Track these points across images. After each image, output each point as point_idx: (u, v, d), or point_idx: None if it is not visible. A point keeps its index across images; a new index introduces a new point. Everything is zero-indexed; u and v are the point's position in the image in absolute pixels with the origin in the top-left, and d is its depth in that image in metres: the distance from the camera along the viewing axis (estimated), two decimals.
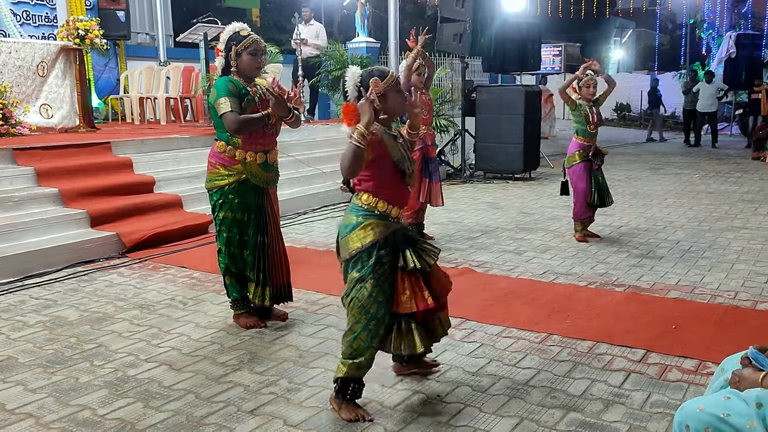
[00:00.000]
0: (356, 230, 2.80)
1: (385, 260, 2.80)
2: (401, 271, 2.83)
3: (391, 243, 2.84)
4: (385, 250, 2.81)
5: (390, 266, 2.82)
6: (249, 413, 2.89)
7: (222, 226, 3.82)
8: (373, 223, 2.81)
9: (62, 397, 3.05)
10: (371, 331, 2.79)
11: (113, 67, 12.06)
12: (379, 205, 2.83)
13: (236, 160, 3.72)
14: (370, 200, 2.84)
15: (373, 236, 2.79)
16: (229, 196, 3.75)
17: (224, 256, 3.87)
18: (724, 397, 1.88)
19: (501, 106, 10.12)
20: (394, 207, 2.87)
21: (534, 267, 5.19)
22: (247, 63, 3.70)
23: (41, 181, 6.05)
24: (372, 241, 2.78)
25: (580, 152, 5.95)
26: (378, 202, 2.83)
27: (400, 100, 2.90)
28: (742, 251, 5.60)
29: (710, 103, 15.52)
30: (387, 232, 2.83)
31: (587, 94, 5.88)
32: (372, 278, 2.76)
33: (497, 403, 2.94)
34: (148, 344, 3.69)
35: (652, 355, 3.44)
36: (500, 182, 9.99)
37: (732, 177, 10.21)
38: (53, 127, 8.12)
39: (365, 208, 2.83)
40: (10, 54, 7.74)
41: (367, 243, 2.78)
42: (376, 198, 2.83)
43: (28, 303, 4.44)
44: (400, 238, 2.88)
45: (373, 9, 14.62)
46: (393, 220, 2.87)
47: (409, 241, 2.91)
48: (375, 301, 2.77)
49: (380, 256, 2.79)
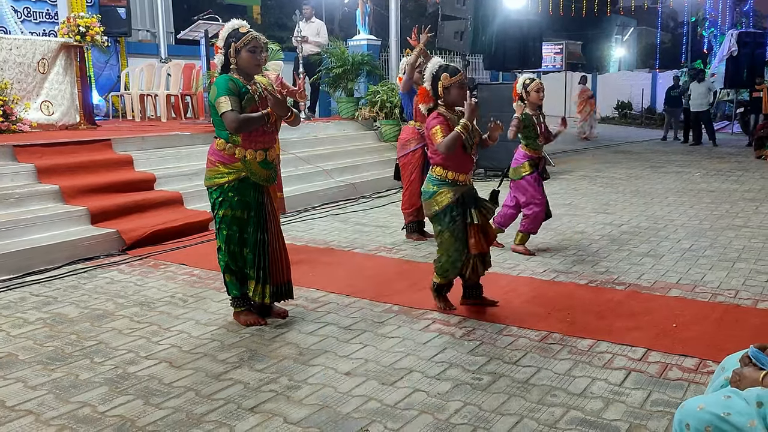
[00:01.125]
0: (434, 196, 3.87)
1: (458, 218, 3.87)
2: (470, 225, 3.87)
3: (461, 203, 3.87)
4: (456, 211, 3.86)
5: (461, 221, 3.88)
6: (249, 411, 2.89)
7: (221, 223, 3.81)
8: (445, 190, 3.86)
9: (62, 394, 3.05)
10: (452, 263, 3.95)
11: (114, 64, 12.05)
12: (449, 174, 3.86)
13: (236, 158, 3.71)
14: (441, 172, 3.87)
15: (447, 201, 3.85)
16: (228, 194, 3.74)
17: (224, 253, 3.86)
18: (725, 396, 1.87)
19: (502, 104, 10.07)
20: (461, 173, 3.88)
21: (534, 265, 5.19)
22: (246, 60, 3.69)
23: (42, 178, 6.05)
24: (446, 204, 3.85)
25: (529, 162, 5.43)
26: (448, 172, 3.86)
27: (461, 94, 3.86)
28: (743, 250, 5.59)
29: (701, 102, 15.43)
30: (457, 195, 3.85)
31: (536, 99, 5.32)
32: (448, 230, 3.89)
33: (497, 401, 2.94)
34: (148, 341, 3.69)
35: (652, 354, 3.44)
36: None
37: (733, 175, 10.20)
38: (54, 124, 8.12)
39: (439, 178, 3.88)
40: (10, 51, 7.74)
41: (443, 206, 3.86)
42: (446, 170, 3.86)
43: (29, 300, 4.44)
44: (467, 199, 3.90)
45: (374, 6, 14.60)
46: (461, 184, 3.89)
47: (475, 201, 3.93)
48: (451, 246, 3.90)
49: (453, 216, 3.86)
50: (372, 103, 10.57)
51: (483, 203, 3.97)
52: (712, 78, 18.67)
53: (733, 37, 17.61)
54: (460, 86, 3.87)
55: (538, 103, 5.32)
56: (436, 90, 3.88)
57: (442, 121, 3.83)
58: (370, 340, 3.67)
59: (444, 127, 3.79)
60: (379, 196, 8.48)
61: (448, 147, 3.74)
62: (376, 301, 4.32)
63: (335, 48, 11.31)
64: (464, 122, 3.76)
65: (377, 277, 4.89)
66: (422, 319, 4.00)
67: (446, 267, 3.97)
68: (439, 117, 3.85)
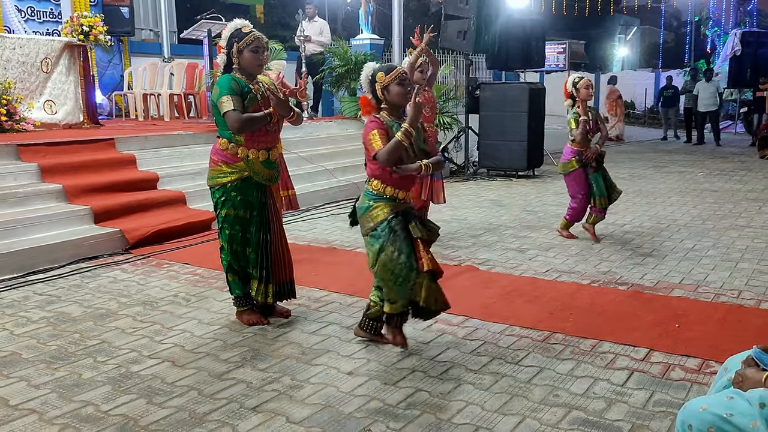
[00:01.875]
0: (369, 211, 3.34)
1: (397, 228, 3.29)
2: (416, 239, 3.32)
3: (401, 215, 3.34)
4: (395, 220, 3.30)
5: (403, 233, 3.30)
6: (251, 410, 2.89)
7: (224, 223, 3.82)
8: (381, 205, 3.33)
9: (65, 393, 3.06)
10: (400, 286, 3.30)
11: (117, 63, 12.06)
12: (387, 190, 3.34)
13: (239, 157, 3.72)
14: (379, 186, 3.35)
15: (383, 216, 3.31)
16: (231, 194, 3.74)
17: (227, 253, 3.87)
18: (728, 397, 1.87)
19: (505, 104, 10.11)
20: (401, 190, 3.36)
21: (537, 265, 5.19)
22: (248, 60, 3.69)
23: (45, 177, 6.06)
24: (382, 219, 3.30)
25: (575, 158, 5.83)
26: (386, 187, 3.33)
27: (403, 92, 3.33)
28: (746, 250, 5.58)
29: (711, 102, 15.41)
30: (395, 211, 3.33)
31: (586, 96, 5.70)
32: (389, 244, 3.26)
33: (499, 401, 2.94)
34: (151, 341, 3.70)
35: (655, 354, 3.44)
36: (504, 180, 9.98)
37: (736, 175, 10.18)
38: (57, 123, 8.13)
39: (375, 193, 3.35)
40: (14, 50, 7.75)
41: (378, 221, 3.31)
42: (384, 184, 3.33)
43: (32, 299, 4.45)
44: (408, 215, 3.38)
45: (377, 6, 14.59)
46: (400, 201, 3.37)
47: (415, 216, 3.41)
48: (396, 262, 3.26)
49: (392, 225, 3.29)
50: None
51: (426, 221, 3.50)
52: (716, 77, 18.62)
53: (737, 36, 17.55)
54: (400, 83, 3.33)
55: (587, 99, 5.65)
56: (375, 95, 3.38)
57: (378, 125, 3.29)
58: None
59: (382, 133, 3.26)
60: None
61: (389, 157, 3.20)
62: None
63: (338, 47, 11.30)
64: (405, 127, 3.20)
65: None
66: None
67: (394, 294, 3.34)
68: (375, 121, 3.31)
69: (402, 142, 3.20)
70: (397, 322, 3.51)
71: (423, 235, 3.34)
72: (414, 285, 3.31)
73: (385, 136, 3.25)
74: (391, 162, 3.22)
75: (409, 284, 3.30)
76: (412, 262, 3.28)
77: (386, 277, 3.30)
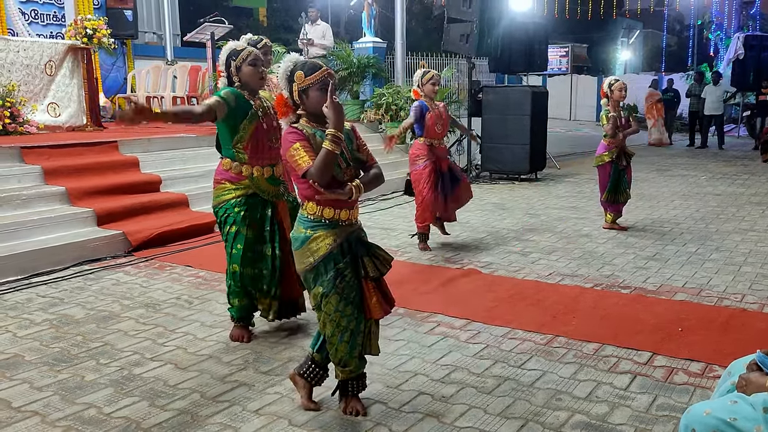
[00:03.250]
0: (307, 244, 2.70)
1: (346, 272, 2.70)
2: (364, 279, 2.74)
3: (347, 250, 2.72)
4: (343, 263, 2.70)
5: (352, 275, 2.72)
6: (254, 413, 2.89)
7: (228, 241, 3.68)
8: (321, 234, 2.69)
9: (68, 396, 3.06)
10: (348, 342, 2.75)
11: (121, 66, 12.10)
12: (326, 212, 2.70)
13: (243, 175, 3.64)
14: (315, 209, 2.71)
15: (325, 249, 2.68)
16: (234, 209, 3.64)
17: (240, 276, 3.68)
18: (731, 401, 1.87)
19: (507, 107, 10.11)
20: (342, 210, 2.71)
21: (540, 268, 5.18)
22: (248, 74, 3.61)
23: (48, 180, 6.08)
24: (324, 254, 2.68)
25: (608, 153, 6.39)
26: (324, 209, 2.70)
27: (322, 101, 2.65)
28: (750, 254, 5.57)
29: (717, 105, 15.43)
30: (339, 240, 2.70)
31: (619, 97, 6.20)
32: (335, 293, 2.69)
33: (502, 405, 2.94)
34: (153, 343, 3.70)
35: (658, 358, 3.43)
36: (506, 183, 9.97)
37: (739, 179, 10.17)
38: (61, 125, 8.15)
39: (311, 219, 2.71)
40: (18, 53, 7.78)
41: (319, 257, 2.68)
42: (320, 205, 2.70)
43: (35, 301, 4.46)
44: (354, 243, 2.75)
45: (380, 9, 14.62)
46: (344, 223, 2.73)
47: (364, 245, 2.79)
48: (344, 315, 2.71)
49: (339, 269, 2.69)
50: (377, 105, 10.59)
51: (376, 251, 2.82)
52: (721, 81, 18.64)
53: (740, 40, 17.54)
54: (321, 88, 2.68)
55: (620, 100, 6.21)
56: (292, 95, 2.76)
57: (298, 136, 2.66)
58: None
59: (305, 145, 2.64)
60: (383, 199, 8.49)
61: (323, 172, 2.58)
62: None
63: (341, 50, 11.33)
64: (332, 133, 2.58)
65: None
66: (427, 322, 3.99)
67: (343, 353, 2.76)
68: (294, 132, 2.68)
69: (333, 151, 2.57)
70: (354, 388, 2.88)
71: (375, 273, 2.76)
72: (361, 338, 2.79)
73: (309, 148, 2.64)
74: (326, 177, 2.60)
75: (359, 338, 2.77)
76: (359, 313, 2.75)
77: (332, 332, 2.74)
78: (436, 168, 5.60)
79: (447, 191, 5.68)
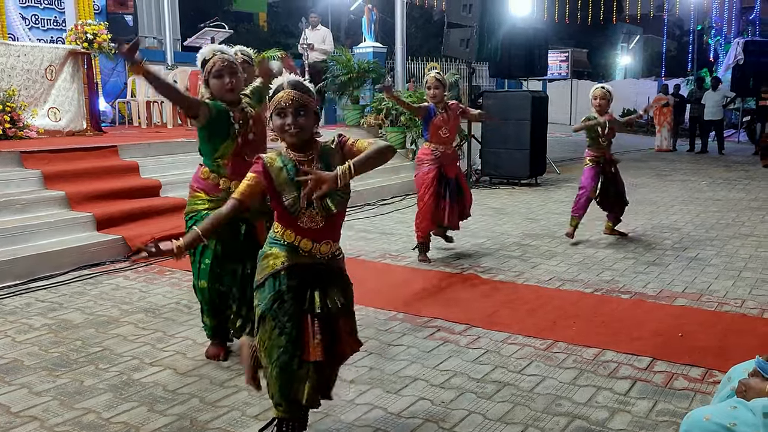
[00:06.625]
0: (260, 260, 2.50)
1: (286, 297, 2.41)
2: (308, 314, 2.42)
3: (296, 278, 2.44)
4: (287, 285, 2.41)
5: (292, 304, 2.41)
6: (253, 418, 2.88)
7: (195, 255, 3.49)
8: (274, 253, 2.46)
9: (67, 401, 3.05)
10: (275, 377, 2.41)
11: (121, 70, 12.11)
12: (286, 234, 2.45)
13: (219, 188, 3.44)
14: (278, 228, 2.48)
15: (271, 268, 2.44)
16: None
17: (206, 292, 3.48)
18: (731, 407, 1.86)
19: (507, 112, 10.11)
20: (304, 239, 2.44)
21: (540, 273, 5.18)
22: (215, 87, 3.37)
23: (48, 184, 6.08)
24: (269, 273, 2.44)
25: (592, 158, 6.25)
26: (285, 231, 2.45)
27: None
28: (750, 259, 5.57)
29: (716, 111, 15.44)
30: (289, 264, 2.43)
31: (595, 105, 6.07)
32: (270, 316, 2.40)
33: (502, 410, 2.93)
34: (152, 348, 3.70)
35: (658, 363, 3.43)
36: (506, 188, 9.97)
37: (740, 184, 10.17)
38: (61, 130, 8.16)
39: (273, 237, 2.50)
40: (18, 57, 7.79)
41: (265, 275, 2.45)
42: (283, 227, 2.46)
43: (34, 306, 4.45)
44: (310, 276, 2.46)
45: (380, 14, 14.64)
46: (303, 252, 2.45)
47: (322, 281, 2.48)
48: (275, 345, 2.40)
49: (281, 291, 2.41)
50: (377, 110, 10.59)
51: (335, 294, 2.50)
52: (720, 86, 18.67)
53: (740, 45, 17.59)
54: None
55: (596, 108, 6.08)
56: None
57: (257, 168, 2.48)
58: (375, 348, 3.66)
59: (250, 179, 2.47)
60: (383, 204, 8.49)
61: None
62: (380, 309, 4.32)
63: (341, 55, 11.35)
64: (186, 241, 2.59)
65: (382, 285, 4.89)
66: (427, 327, 3.99)
67: (274, 387, 2.44)
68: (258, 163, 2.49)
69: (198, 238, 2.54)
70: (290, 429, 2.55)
71: (323, 309, 2.43)
72: (293, 378, 2.41)
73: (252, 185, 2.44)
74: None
75: (286, 375, 2.40)
76: (294, 348, 2.39)
77: (264, 359, 2.45)
78: (441, 174, 5.45)
79: (453, 198, 5.51)
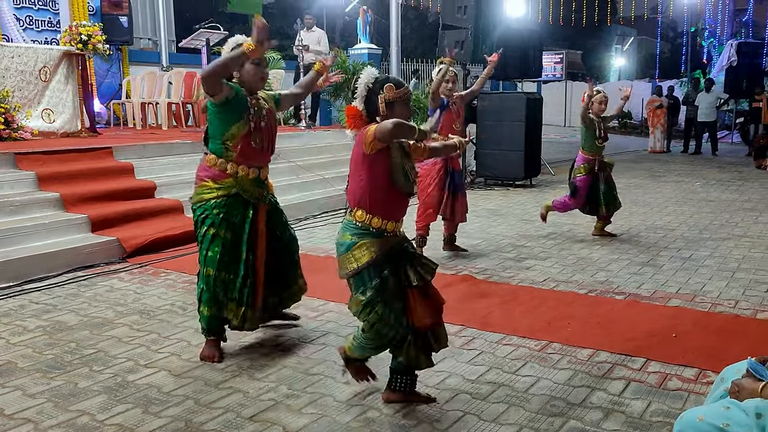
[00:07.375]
0: (351, 251, 2.80)
1: (390, 281, 2.78)
2: (408, 287, 2.80)
3: (391, 260, 2.81)
4: (387, 270, 2.78)
5: (395, 284, 2.79)
6: (248, 419, 2.88)
7: (204, 243, 3.51)
8: (367, 242, 2.79)
9: (61, 403, 3.05)
10: (384, 346, 2.89)
11: (116, 72, 12.09)
12: (374, 221, 2.81)
13: (227, 173, 3.50)
14: (364, 217, 2.82)
15: (369, 256, 2.77)
16: (213, 211, 3.47)
17: (212, 281, 3.53)
18: (724, 407, 1.87)
19: (502, 113, 10.15)
20: (390, 221, 2.84)
21: (534, 274, 5.19)
22: (250, 73, 3.49)
23: (42, 186, 6.06)
24: (368, 261, 2.77)
25: (585, 165, 6.33)
26: (373, 218, 2.81)
27: (406, 113, 2.89)
28: (743, 259, 5.59)
29: (710, 112, 15.49)
30: (384, 249, 2.79)
31: (598, 110, 6.25)
32: (381, 302, 2.76)
33: (496, 411, 2.94)
34: (147, 350, 3.69)
35: (652, 364, 3.44)
36: (501, 189, 9.99)
37: (733, 185, 10.22)
38: (55, 131, 8.13)
39: (359, 226, 2.83)
40: (12, 59, 7.76)
41: (363, 264, 2.77)
42: (371, 215, 2.81)
43: (28, 308, 4.44)
44: (398, 253, 2.85)
45: (375, 16, 14.66)
46: (389, 234, 2.84)
47: (408, 256, 2.87)
48: (387, 325, 2.78)
49: (383, 278, 2.77)
50: None
51: (421, 261, 2.90)
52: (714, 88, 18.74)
53: (733, 47, 17.67)
54: (405, 103, 2.90)
55: (599, 113, 6.26)
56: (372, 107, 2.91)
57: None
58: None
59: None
60: None
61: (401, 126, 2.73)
62: None
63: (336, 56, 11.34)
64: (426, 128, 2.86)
65: None
66: None
67: (372, 348, 2.92)
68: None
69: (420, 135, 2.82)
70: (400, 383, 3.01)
71: (419, 281, 2.81)
72: (399, 341, 2.85)
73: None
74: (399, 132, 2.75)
75: (395, 343, 2.87)
76: (403, 321, 2.81)
77: (373, 338, 2.84)
78: (447, 167, 5.51)
79: (459, 190, 5.62)
